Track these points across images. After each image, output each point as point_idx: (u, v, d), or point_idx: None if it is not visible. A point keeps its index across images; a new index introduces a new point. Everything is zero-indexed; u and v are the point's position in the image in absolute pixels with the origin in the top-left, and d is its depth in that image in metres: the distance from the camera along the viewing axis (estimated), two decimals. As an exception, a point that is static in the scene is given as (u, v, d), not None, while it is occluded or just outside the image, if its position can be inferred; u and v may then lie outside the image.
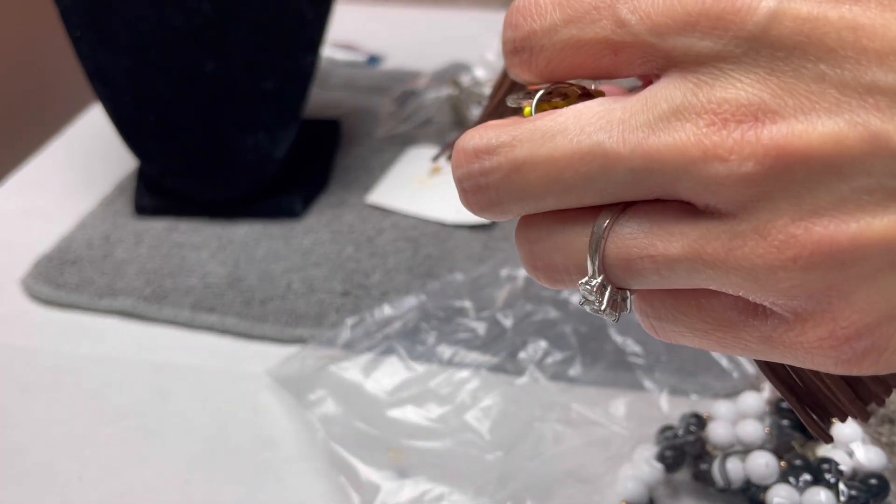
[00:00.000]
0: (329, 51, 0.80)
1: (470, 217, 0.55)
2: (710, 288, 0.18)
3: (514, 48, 0.19)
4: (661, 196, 0.18)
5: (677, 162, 0.16)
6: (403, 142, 0.65)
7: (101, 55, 0.52)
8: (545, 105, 0.20)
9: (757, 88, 0.16)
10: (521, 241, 0.20)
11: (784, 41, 0.16)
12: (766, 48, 0.16)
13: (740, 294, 0.17)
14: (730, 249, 0.17)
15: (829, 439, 0.22)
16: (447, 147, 0.41)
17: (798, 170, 0.16)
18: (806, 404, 0.22)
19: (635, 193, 0.18)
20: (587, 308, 0.20)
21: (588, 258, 0.19)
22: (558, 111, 0.19)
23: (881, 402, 0.21)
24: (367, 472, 0.38)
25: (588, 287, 0.19)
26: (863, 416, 0.21)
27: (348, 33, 0.83)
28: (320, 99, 0.71)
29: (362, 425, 0.41)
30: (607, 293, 0.19)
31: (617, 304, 0.19)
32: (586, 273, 0.19)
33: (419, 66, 0.75)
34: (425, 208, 0.57)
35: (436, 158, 0.47)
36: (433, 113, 0.67)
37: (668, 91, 0.17)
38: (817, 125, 0.15)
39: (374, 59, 0.81)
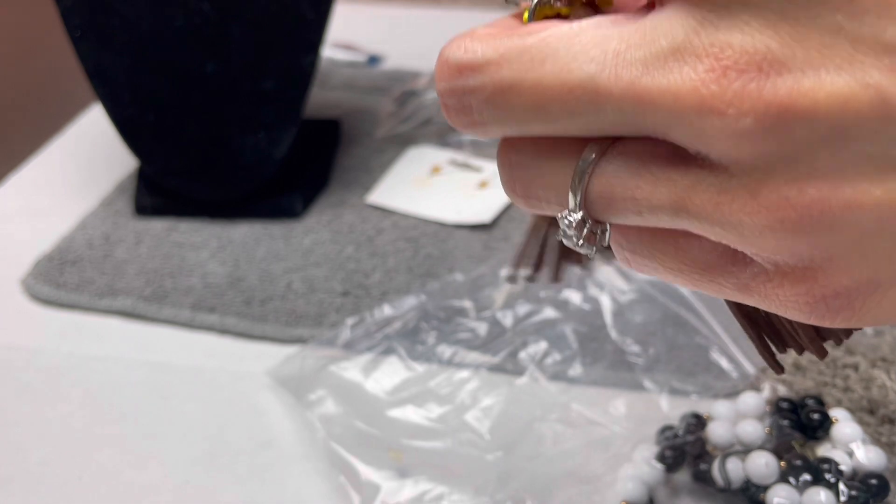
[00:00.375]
0: (329, 51, 0.80)
1: (470, 217, 0.55)
2: (692, 232, 0.17)
3: None
4: (652, 136, 0.17)
5: (671, 108, 0.15)
6: (403, 142, 0.65)
7: (102, 55, 0.52)
8: (546, 9, 0.19)
9: (766, 35, 0.15)
10: (503, 162, 0.19)
11: None
12: None
13: (722, 243, 0.17)
14: (718, 203, 0.16)
15: (780, 370, 0.22)
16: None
17: (799, 129, 0.15)
18: (764, 333, 0.22)
19: (624, 131, 0.17)
20: (564, 241, 0.19)
21: (570, 192, 0.18)
22: (553, 28, 0.17)
23: (839, 342, 0.21)
24: (367, 471, 0.38)
25: (567, 221, 0.18)
26: (820, 354, 0.21)
27: (348, 33, 0.83)
28: (320, 99, 0.71)
29: (362, 425, 0.41)
30: (586, 228, 0.18)
31: (594, 238, 0.19)
32: (566, 206, 0.18)
33: (419, 67, 0.75)
34: (425, 208, 0.57)
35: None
36: (433, 113, 0.67)
37: (669, 25, 0.16)
38: (826, 82, 0.14)
39: (374, 60, 0.81)
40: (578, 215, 0.18)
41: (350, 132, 0.67)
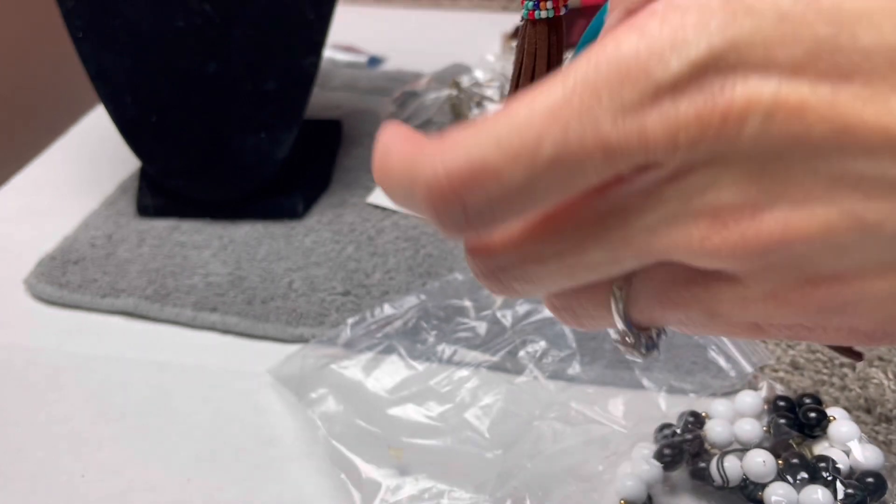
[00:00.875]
0: (330, 52, 0.80)
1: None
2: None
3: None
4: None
5: (680, 255, 0.17)
6: (404, 142, 0.65)
7: (104, 56, 0.52)
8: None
9: (744, 189, 0.16)
10: (549, 305, 0.21)
11: (774, 144, 0.16)
12: (756, 155, 0.16)
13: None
14: (745, 307, 0.18)
15: (858, 357, 0.24)
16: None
17: (799, 247, 0.16)
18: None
19: (638, 267, 0.19)
20: (625, 352, 0.21)
21: (617, 321, 0.20)
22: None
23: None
24: (367, 469, 0.39)
25: (625, 341, 0.21)
26: (857, 358, 0.23)
27: (349, 35, 0.84)
28: (321, 100, 0.71)
29: (363, 423, 0.41)
30: (643, 338, 0.21)
31: (653, 343, 0.21)
32: (615, 325, 0.20)
33: (419, 68, 0.76)
34: (426, 208, 0.57)
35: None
36: (433, 114, 0.67)
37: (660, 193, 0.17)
38: (808, 217, 0.16)
39: (374, 61, 0.81)
40: (632, 338, 0.20)
41: (351, 133, 0.67)
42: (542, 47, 0.27)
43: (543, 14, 0.26)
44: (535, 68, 0.27)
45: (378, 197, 0.59)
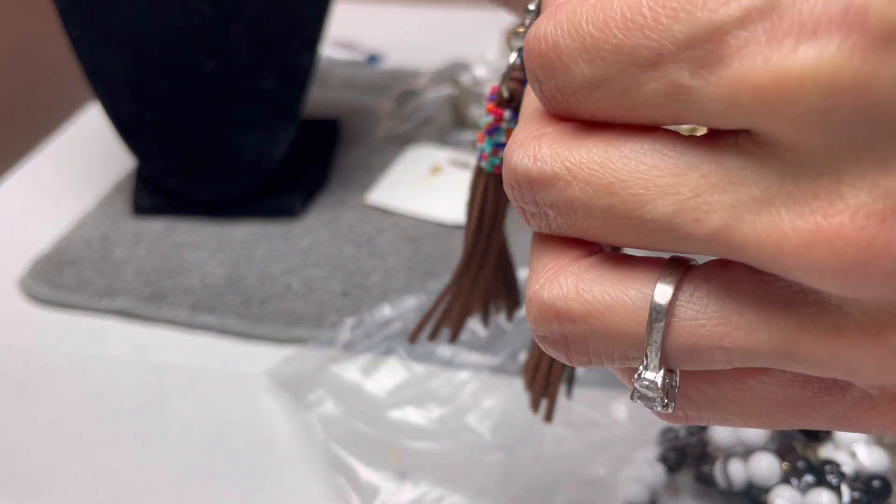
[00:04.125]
0: (328, 50, 0.80)
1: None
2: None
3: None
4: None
5: (770, 256, 0.13)
6: (403, 141, 0.65)
7: (100, 54, 0.52)
8: None
9: (878, 181, 0.12)
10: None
11: None
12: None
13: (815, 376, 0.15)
14: (832, 347, 0.14)
15: None
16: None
17: None
18: None
19: (704, 256, 0.15)
20: (641, 403, 0.16)
21: (646, 348, 0.15)
22: (614, 140, 0.15)
23: None
24: (366, 472, 0.38)
25: (646, 383, 0.15)
26: None
27: (348, 32, 0.83)
28: (320, 98, 0.70)
29: (362, 426, 0.40)
30: (666, 385, 0.15)
31: (672, 393, 0.16)
32: (639, 362, 0.15)
33: (419, 66, 0.75)
34: (425, 208, 0.57)
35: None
36: (433, 112, 0.67)
37: (759, 169, 0.13)
38: None
39: (373, 59, 0.81)
40: (659, 375, 0.15)
41: (349, 132, 0.67)
42: (503, 203, 0.24)
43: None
44: (495, 226, 0.24)
45: (377, 197, 0.58)
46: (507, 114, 0.22)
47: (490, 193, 0.24)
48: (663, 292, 0.14)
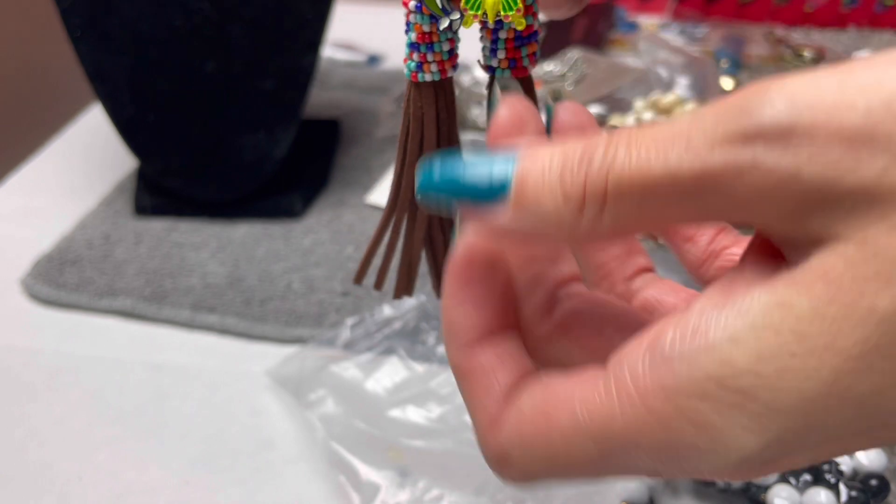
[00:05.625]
0: (329, 51, 0.80)
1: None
2: None
3: None
4: None
5: None
6: (403, 142, 0.65)
7: (101, 55, 0.52)
8: None
9: None
10: None
11: None
12: None
13: None
14: None
15: None
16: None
17: None
18: None
19: None
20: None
21: None
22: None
23: None
24: (366, 471, 0.38)
25: None
26: None
27: (348, 33, 0.83)
28: (320, 99, 0.71)
29: (362, 425, 0.41)
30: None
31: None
32: None
33: (419, 66, 0.75)
34: (425, 208, 0.57)
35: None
36: (433, 113, 0.67)
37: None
38: None
39: (373, 59, 0.81)
40: None
41: (350, 132, 0.67)
42: (430, 112, 0.24)
43: (428, 77, 0.23)
44: (424, 134, 0.25)
45: (377, 197, 0.59)
46: (411, 4, 0.23)
47: (412, 99, 0.24)
48: None
